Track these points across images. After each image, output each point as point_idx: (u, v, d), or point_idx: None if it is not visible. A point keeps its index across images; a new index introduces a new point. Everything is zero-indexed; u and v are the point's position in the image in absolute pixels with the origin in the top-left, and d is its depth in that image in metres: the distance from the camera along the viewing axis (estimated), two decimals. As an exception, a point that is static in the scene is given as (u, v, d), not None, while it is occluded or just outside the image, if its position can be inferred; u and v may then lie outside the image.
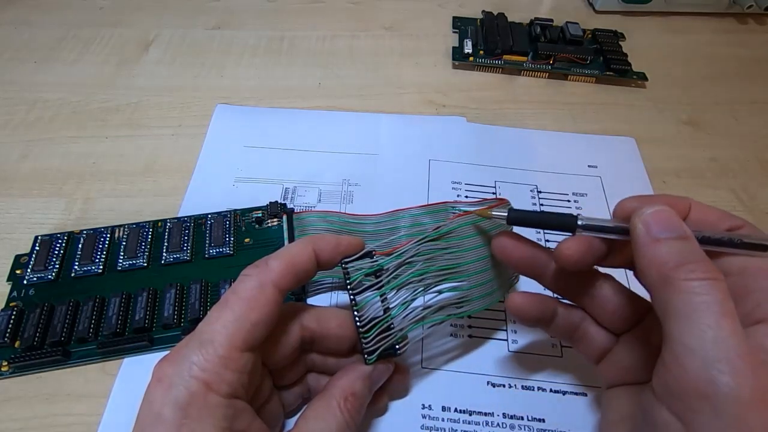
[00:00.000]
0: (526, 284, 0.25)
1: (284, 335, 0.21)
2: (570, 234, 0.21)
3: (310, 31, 0.48)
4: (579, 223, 0.20)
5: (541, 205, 0.34)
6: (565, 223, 0.20)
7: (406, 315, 0.22)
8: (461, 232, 0.23)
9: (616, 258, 0.21)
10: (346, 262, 0.22)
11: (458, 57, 0.44)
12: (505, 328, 0.28)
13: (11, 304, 0.27)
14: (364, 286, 0.22)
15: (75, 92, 0.41)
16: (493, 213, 0.22)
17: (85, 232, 0.31)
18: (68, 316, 0.27)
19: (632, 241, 0.18)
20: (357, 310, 0.21)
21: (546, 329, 0.23)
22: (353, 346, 0.23)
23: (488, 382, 0.26)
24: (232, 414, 0.18)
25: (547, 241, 0.32)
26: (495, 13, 0.47)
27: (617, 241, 0.20)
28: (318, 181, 0.35)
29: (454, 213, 0.30)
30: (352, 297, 0.21)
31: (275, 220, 0.31)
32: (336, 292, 0.29)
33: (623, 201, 0.20)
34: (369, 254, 0.22)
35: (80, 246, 0.30)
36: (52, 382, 0.26)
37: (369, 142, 0.37)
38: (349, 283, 0.21)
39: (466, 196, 0.34)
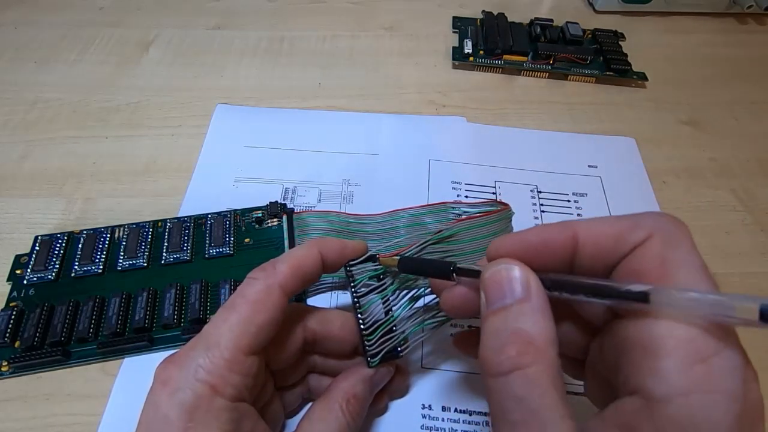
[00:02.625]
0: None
1: (287, 337, 0.21)
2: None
3: (310, 31, 0.47)
4: (452, 268, 0.19)
5: (541, 205, 0.34)
6: (441, 271, 0.19)
7: (408, 317, 0.22)
8: (462, 236, 0.23)
9: None
10: (351, 265, 0.22)
11: (458, 57, 0.44)
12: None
13: (11, 304, 0.27)
14: (367, 289, 0.22)
15: (75, 92, 0.41)
16: (387, 260, 0.21)
17: (85, 232, 0.31)
18: (68, 316, 0.27)
19: None
20: (360, 313, 0.21)
21: None
22: (355, 348, 0.23)
23: (488, 383, 0.26)
24: (237, 417, 0.18)
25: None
26: (495, 13, 0.47)
27: None
28: (318, 181, 0.35)
29: (454, 213, 0.30)
30: (356, 300, 0.21)
31: (275, 220, 0.31)
32: (336, 292, 0.29)
33: (494, 243, 0.18)
34: (373, 257, 0.22)
35: (80, 246, 0.30)
36: (52, 382, 0.26)
37: (369, 142, 0.37)
38: (354, 286, 0.21)
39: (466, 196, 0.34)
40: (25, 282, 0.28)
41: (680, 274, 0.14)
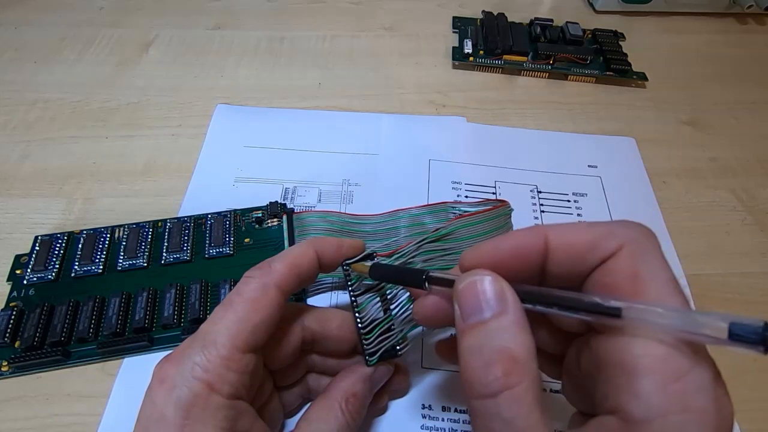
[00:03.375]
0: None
1: (286, 336, 0.21)
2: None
3: (310, 31, 0.47)
4: (425, 277, 0.18)
5: (541, 205, 0.34)
6: (413, 279, 0.19)
7: (407, 316, 0.22)
8: (460, 233, 0.23)
9: None
10: (348, 264, 0.22)
11: (458, 57, 0.44)
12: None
13: (11, 304, 0.27)
14: (364, 288, 0.22)
15: (75, 92, 0.41)
16: (358, 267, 0.21)
17: (85, 232, 0.31)
18: (68, 316, 0.27)
19: None
20: (358, 312, 0.21)
21: None
22: (353, 347, 0.23)
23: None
24: (234, 415, 0.18)
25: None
26: (495, 13, 0.47)
27: None
28: (318, 181, 0.35)
29: (454, 213, 0.30)
30: (353, 298, 0.21)
31: (275, 220, 0.31)
32: (336, 292, 0.29)
33: (466, 253, 0.18)
34: (370, 256, 0.22)
35: (80, 246, 0.30)
36: (52, 382, 0.26)
37: (369, 142, 0.37)
38: (351, 285, 0.21)
39: (466, 196, 0.34)
40: (25, 282, 0.28)
41: (651, 289, 0.14)
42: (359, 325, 0.21)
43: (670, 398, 0.13)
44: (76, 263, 0.29)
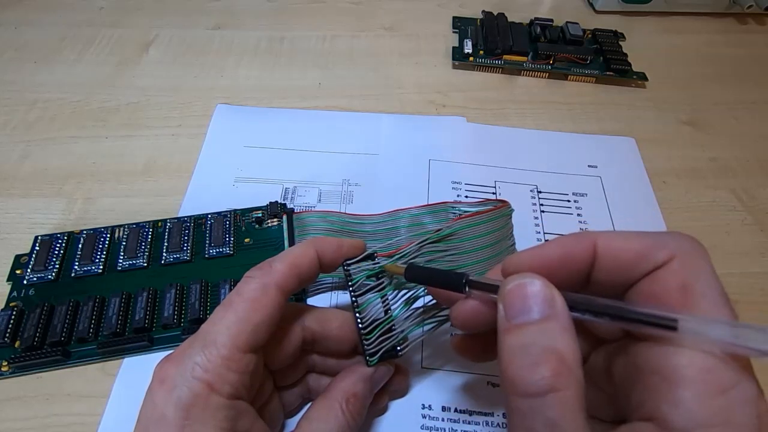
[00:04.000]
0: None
1: (286, 336, 0.21)
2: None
3: (310, 31, 0.47)
4: (465, 281, 0.18)
5: (541, 205, 0.34)
6: (452, 282, 0.18)
7: (407, 316, 0.22)
8: (462, 234, 0.23)
9: None
10: (349, 264, 0.22)
11: (458, 57, 0.44)
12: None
13: (11, 304, 0.27)
14: (365, 288, 0.22)
15: (75, 92, 0.41)
16: (393, 267, 0.21)
17: (85, 232, 0.31)
18: (68, 316, 0.27)
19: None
20: (359, 312, 0.21)
21: None
22: (354, 348, 0.23)
23: (488, 382, 0.26)
24: (234, 415, 0.18)
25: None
26: (495, 13, 0.47)
27: None
28: (318, 181, 0.35)
29: (454, 213, 0.30)
30: (354, 299, 0.21)
31: (275, 220, 0.31)
32: (336, 292, 0.29)
33: (510, 258, 0.18)
34: (371, 256, 0.22)
35: (80, 246, 0.30)
36: (52, 382, 0.26)
37: (369, 142, 0.37)
38: (351, 285, 0.21)
39: (466, 196, 0.34)
40: (25, 282, 0.28)
41: (702, 302, 0.14)
42: (360, 325, 0.21)
43: (713, 410, 0.13)
44: (76, 263, 0.29)
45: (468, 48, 0.44)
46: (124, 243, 0.30)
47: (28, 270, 0.29)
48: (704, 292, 0.14)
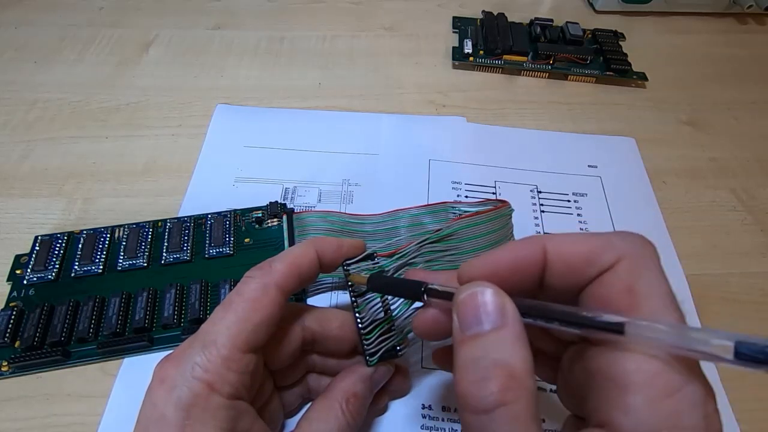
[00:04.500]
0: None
1: (286, 336, 0.21)
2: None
3: (310, 31, 0.47)
4: (423, 289, 0.18)
5: (541, 205, 0.34)
6: (412, 291, 0.18)
7: (407, 316, 0.22)
8: (462, 234, 0.23)
9: None
10: (348, 264, 0.22)
11: (458, 57, 0.44)
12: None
13: (11, 304, 0.27)
14: (365, 288, 0.22)
15: (75, 92, 0.41)
16: (356, 278, 0.21)
17: (85, 232, 0.31)
18: (68, 316, 0.27)
19: None
20: (358, 312, 0.21)
21: None
22: (354, 348, 0.23)
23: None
24: (234, 415, 0.18)
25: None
26: (495, 13, 0.47)
27: None
28: (318, 181, 0.35)
29: (453, 213, 0.30)
30: (353, 299, 0.21)
31: (275, 220, 0.31)
32: (336, 292, 0.29)
33: (464, 266, 0.17)
34: (370, 256, 0.22)
35: (80, 246, 0.30)
36: (52, 382, 0.26)
37: (369, 142, 0.37)
38: (351, 285, 0.21)
39: (466, 196, 0.34)
40: (25, 282, 0.28)
41: (648, 304, 0.14)
42: (359, 325, 0.21)
43: (661, 415, 0.13)
44: (76, 263, 0.29)
45: (468, 48, 0.44)
46: (124, 243, 0.30)
47: (28, 270, 0.29)
48: (650, 294, 0.14)
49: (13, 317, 0.26)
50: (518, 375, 0.14)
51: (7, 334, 0.26)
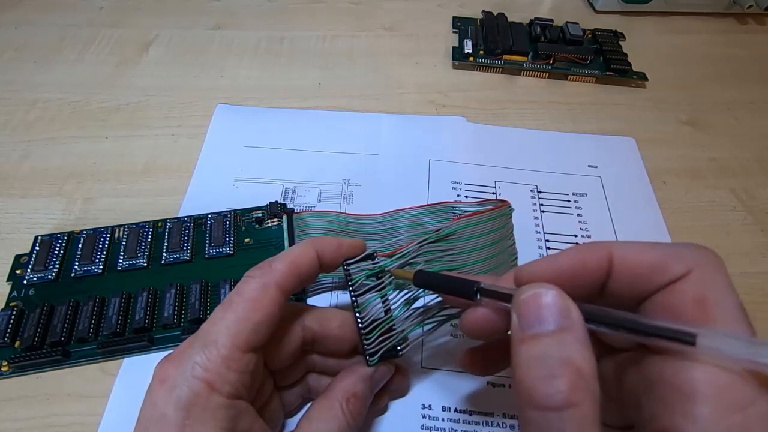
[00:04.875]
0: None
1: (286, 336, 0.21)
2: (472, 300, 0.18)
3: (310, 31, 0.47)
4: (476, 288, 0.18)
5: (542, 205, 0.34)
6: (463, 290, 0.18)
7: (407, 316, 0.22)
8: (462, 234, 0.23)
9: None
10: (348, 264, 0.22)
11: (458, 57, 0.44)
12: (505, 328, 0.28)
13: (11, 304, 0.27)
14: (365, 288, 0.22)
15: (75, 92, 0.41)
16: (401, 273, 0.21)
17: (85, 232, 0.31)
18: (68, 316, 0.27)
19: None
20: (359, 312, 0.21)
21: None
22: (354, 348, 0.23)
23: (488, 382, 0.26)
24: (234, 414, 0.18)
25: (549, 248, 0.32)
26: (495, 13, 0.47)
27: None
28: (318, 181, 0.35)
29: (454, 213, 0.30)
30: (354, 298, 0.21)
31: (275, 220, 0.31)
32: (336, 292, 0.29)
33: (523, 267, 0.17)
34: (371, 256, 0.22)
35: (80, 246, 0.30)
36: (52, 382, 0.26)
37: (369, 142, 0.37)
38: (351, 285, 0.21)
39: (466, 196, 0.34)
40: (25, 282, 0.28)
41: (719, 316, 0.14)
42: (360, 325, 0.21)
43: (729, 427, 0.13)
44: (76, 263, 0.29)
45: (468, 48, 0.44)
46: (124, 243, 0.30)
47: (28, 270, 0.29)
48: (721, 306, 0.14)
49: (13, 317, 0.26)
50: (586, 376, 0.14)
51: (7, 334, 0.26)
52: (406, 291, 0.22)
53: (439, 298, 0.23)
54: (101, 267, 0.29)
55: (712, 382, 0.13)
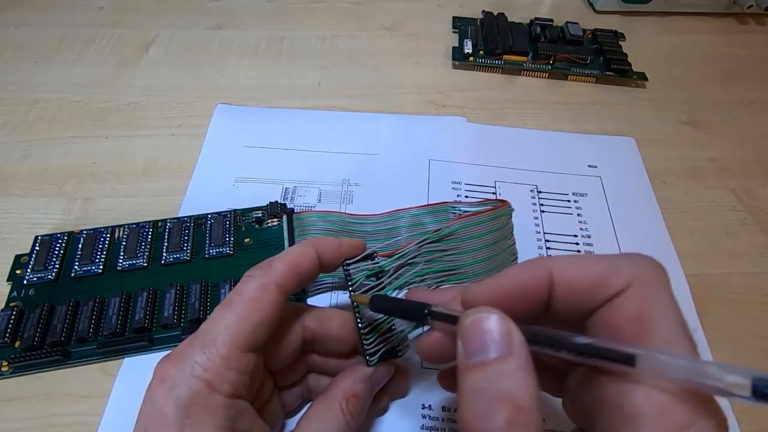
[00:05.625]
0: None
1: (286, 336, 0.21)
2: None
3: (310, 31, 0.47)
4: (427, 311, 0.17)
5: (541, 205, 0.34)
6: (415, 313, 0.18)
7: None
8: (461, 234, 0.23)
9: None
10: (348, 264, 0.22)
11: (458, 57, 0.44)
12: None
13: (11, 304, 0.27)
14: (365, 288, 0.22)
15: (75, 92, 0.41)
16: (359, 298, 0.21)
17: (85, 232, 0.31)
18: (68, 316, 0.27)
19: None
20: (358, 312, 0.21)
21: None
22: (354, 348, 0.23)
23: (488, 382, 0.26)
24: (234, 414, 0.18)
25: (549, 248, 0.32)
26: (495, 13, 0.47)
27: None
28: (318, 181, 0.35)
29: (454, 213, 0.30)
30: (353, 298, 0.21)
31: (275, 220, 0.31)
32: (336, 292, 0.29)
33: (468, 289, 0.17)
34: (370, 256, 0.22)
35: (80, 246, 0.30)
36: (52, 382, 0.26)
37: (369, 142, 0.37)
38: (351, 285, 0.21)
39: (466, 196, 0.34)
40: (25, 282, 0.28)
41: (659, 332, 0.14)
42: (359, 325, 0.21)
43: None
44: (76, 263, 0.29)
45: (468, 48, 0.44)
46: (124, 243, 0.30)
47: (28, 270, 0.29)
48: (661, 322, 0.14)
49: (13, 317, 0.26)
50: (525, 407, 0.13)
51: (7, 334, 0.26)
52: (406, 291, 0.22)
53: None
54: (101, 267, 0.29)
55: (652, 404, 0.13)
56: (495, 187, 0.35)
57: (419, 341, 0.19)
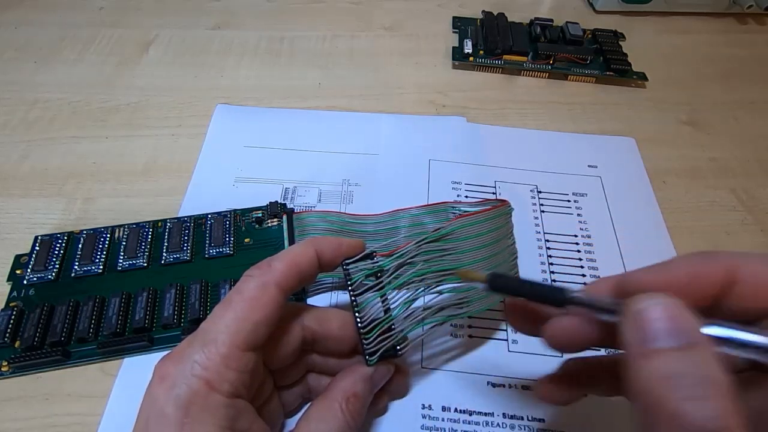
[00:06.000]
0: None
1: (286, 335, 0.21)
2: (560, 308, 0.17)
3: (310, 31, 0.48)
4: (568, 296, 0.17)
5: (541, 205, 0.34)
6: (550, 297, 0.17)
7: (407, 316, 0.22)
8: (461, 233, 0.23)
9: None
10: (348, 263, 0.22)
11: (458, 57, 0.44)
12: (505, 328, 0.28)
13: (11, 304, 0.27)
14: (365, 287, 0.22)
15: (75, 92, 0.41)
16: (472, 276, 0.19)
17: (85, 232, 0.31)
18: (68, 316, 0.27)
19: (622, 341, 0.14)
20: (358, 312, 0.21)
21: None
22: (354, 347, 0.23)
23: (488, 382, 0.26)
24: (233, 413, 0.18)
25: (548, 248, 0.32)
26: (495, 13, 0.47)
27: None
28: (318, 181, 0.35)
29: (454, 213, 0.30)
30: (353, 298, 0.21)
31: (275, 220, 0.31)
32: (336, 292, 0.29)
33: (631, 276, 0.16)
34: (370, 255, 0.22)
35: (80, 246, 0.30)
36: (52, 382, 0.26)
37: (369, 142, 0.37)
38: (350, 284, 0.21)
39: (466, 196, 0.34)
40: (25, 282, 0.28)
41: None
42: (359, 324, 0.21)
43: None
44: (76, 263, 0.29)
45: (468, 48, 0.44)
46: (124, 243, 0.30)
47: (28, 270, 0.29)
48: None
49: (13, 317, 0.26)
50: (732, 396, 0.12)
51: (7, 334, 0.26)
52: (405, 291, 0.22)
53: (439, 297, 0.23)
54: (101, 267, 0.29)
55: None
56: (495, 187, 0.35)
57: (548, 327, 0.18)
